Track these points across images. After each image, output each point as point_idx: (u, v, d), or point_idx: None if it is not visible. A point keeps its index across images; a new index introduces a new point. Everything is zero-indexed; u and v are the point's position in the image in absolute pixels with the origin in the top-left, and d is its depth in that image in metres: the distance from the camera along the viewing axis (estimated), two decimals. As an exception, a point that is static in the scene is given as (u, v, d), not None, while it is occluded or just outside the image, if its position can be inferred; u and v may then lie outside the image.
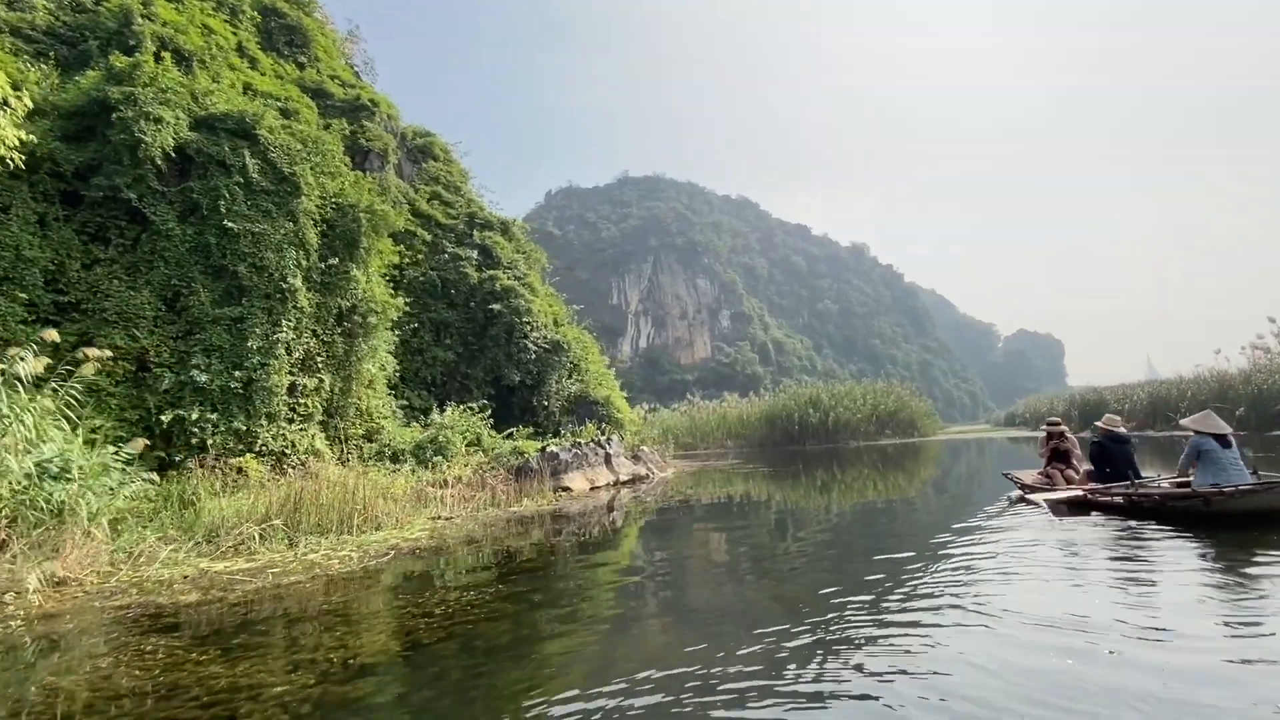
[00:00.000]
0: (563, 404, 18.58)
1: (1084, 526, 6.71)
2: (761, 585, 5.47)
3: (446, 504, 9.54)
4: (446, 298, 17.58)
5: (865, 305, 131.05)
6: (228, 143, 11.25)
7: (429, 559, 6.79)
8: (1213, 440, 6.63)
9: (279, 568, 6.09)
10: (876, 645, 3.65)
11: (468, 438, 13.12)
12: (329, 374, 11.91)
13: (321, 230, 12.32)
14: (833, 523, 9.32)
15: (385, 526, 7.93)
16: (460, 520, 9.07)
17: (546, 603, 5.17)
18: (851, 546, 7.23)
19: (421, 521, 8.62)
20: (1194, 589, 4.30)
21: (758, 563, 6.42)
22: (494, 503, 10.34)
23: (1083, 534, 6.34)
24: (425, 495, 9.76)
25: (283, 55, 18.17)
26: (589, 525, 9.27)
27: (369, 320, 12.61)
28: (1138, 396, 26.84)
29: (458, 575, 6.11)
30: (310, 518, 7.18)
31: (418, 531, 7.96)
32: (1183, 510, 6.52)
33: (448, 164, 21.08)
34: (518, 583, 5.72)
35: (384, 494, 9.36)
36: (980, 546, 6.03)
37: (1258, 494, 5.95)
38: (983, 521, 7.47)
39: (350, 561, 6.44)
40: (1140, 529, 6.28)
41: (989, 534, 6.65)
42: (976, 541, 6.29)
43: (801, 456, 28.02)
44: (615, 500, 12.05)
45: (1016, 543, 6.07)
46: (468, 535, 8.24)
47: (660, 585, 5.64)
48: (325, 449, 11.50)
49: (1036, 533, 6.50)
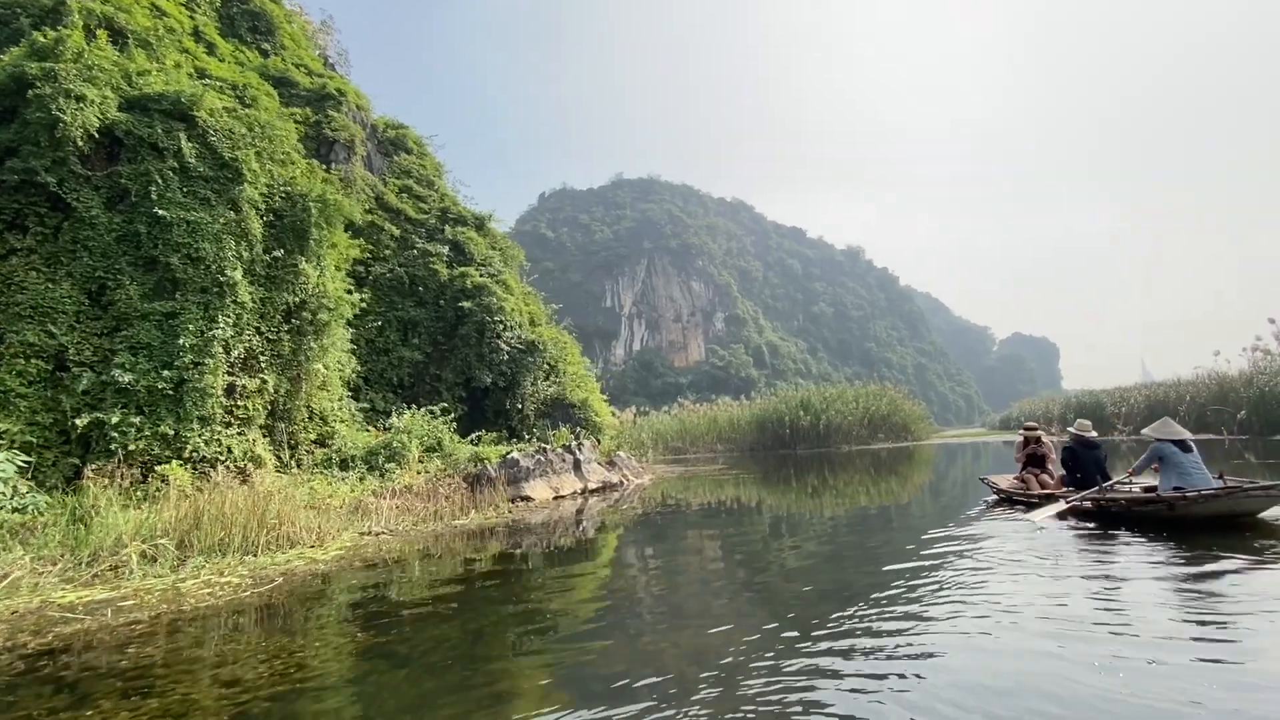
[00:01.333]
0: (538, 407, 17.75)
1: (1056, 531, 6.84)
2: (738, 613, 4.67)
3: (383, 517, 8.70)
4: (415, 295, 16.75)
5: (860, 308, 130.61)
6: (161, 125, 10.43)
7: (324, 585, 5.92)
8: (1173, 446, 6.89)
9: (136, 599, 5.27)
10: (858, 662, 3.50)
11: (426, 443, 12.28)
12: (273, 374, 11.07)
13: (268, 220, 11.51)
14: (818, 532, 8.53)
15: (302, 544, 7.09)
16: (396, 535, 8.22)
17: (439, 664, 3.83)
18: (837, 559, 6.63)
19: (347, 538, 7.79)
20: (1158, 592, 4.42)
21: (732, 589, 5.54)
22: (439, 515, 9.42)
23: (1056, 539, 6.47)
24: (365, 507, 8.93)
25: (245, 42, 17.37)
26: (544, 541, 8.32)
27: (320, 317, 11.78)
28: (1135, 399, 26.16)
29: (338, 611, 5.10)
30: (212, 535, 6.34)
31: (333, 551, 7.08)
32: (1148, 514, 6.74)
33: (421, 157, 20.27)
34: (403, 630, 4.53)
35: (318, 506, 8.54)
36: (959, 556, 5.96)
37: (1219, 498, 6.15)
38: (961, 529, 7.45)
39: (227, 590, 5.59)
40: (1109, 533, 6.49)
41: (967, 542, 6.61)
42: (956, 551, 6.21)
43: (792, 461, 27.28)
44: (582, 511, 11.22)
45: (996, 551, 6.10)
46: (395, 554, 7.34)
47: (614, 628, 4.53)
48: (267, 455, 10.65)
49: (1013, 540, 6.56)
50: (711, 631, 4.20)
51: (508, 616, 4.86)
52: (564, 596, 5.54)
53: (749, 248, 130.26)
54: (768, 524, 9.89)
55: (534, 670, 3.78)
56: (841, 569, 5.96)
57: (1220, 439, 20.19)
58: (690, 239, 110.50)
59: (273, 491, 7.38)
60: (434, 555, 7.28)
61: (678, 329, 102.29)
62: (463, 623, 4.71)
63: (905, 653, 3.55)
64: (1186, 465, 6.75)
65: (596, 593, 5.60)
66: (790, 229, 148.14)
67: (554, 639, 4.35)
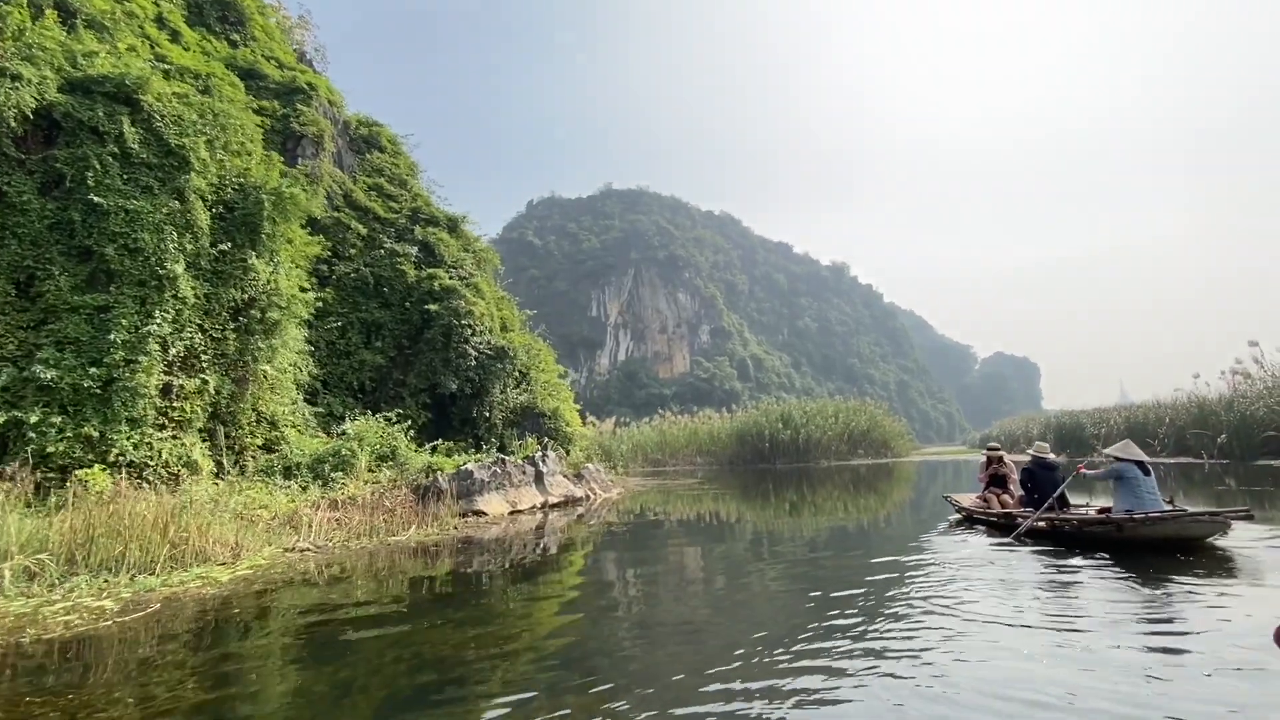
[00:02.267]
0: (506, 415, 17.21)
1: (1012, 550, 7.11)
2: (684, 652, 4.17)
3: (315, 530, 8.12)
4: (380, 296, 16.20)
5: (845, 324, 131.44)
6: (103, 108, 9.88)
7: (204, 613, 5.14)
8: (1135, 467, 7.05)
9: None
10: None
11: (380, 451, 11.70)
12: (216, 375, 10.47)
13: (218, 213, 10.96)
14: (789, 552, 8.10)
15: (213, 561, 6.51)
16: (323, 552, 7.61)
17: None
18: (805, 580, 6.18)
19: (268, 554, 7.20)
20: (1105, 611, 4.58)
21: (686, 631, 4.73)
22: (376, 530, 8.77)
23: (1011, 558, 6.68)
24: (299, 519, 8.34)
25: (214, 32, 16.84)
26: (489, 563, 7.73)
27: (270, 315, 11.21)
28: (1114, 421, 26.10)
29: (189, 652, 4.27)
30: (107, 549, 5.75)
31: (243, 570, 6.45)
32: (1099, 535, 6.96)
33: (395, 156, 19.78)
34: (248, 684, 3.73)
35: (248, 517, 7.95)
36: (922, 574, 6.04)
37: (1165, 522, 6.41)
38: (923, 550, 7.53)
39: (88, 618, 4.81)
40: (1061, 553, 6.72)
41: (927, 563, 6.66)
42: (918, 569, 6.29)
43: (771, 476, 26.93)
44: (541, 527, 10.67)
45: (957, 567, 6.27)
46: (311, 574, 6.63)
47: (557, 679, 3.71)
48: (204, 461, 10.02)
49: (973, 558, 6.80)
50: (666, 679, 3.72)
51: (404, 670, 3.85)
52: (490, 635, 4.58)
53: (736, 261, 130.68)
54: (738, 543, 9.45)
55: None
56: (798, 601, 5.52)
57: (1200, 463, 20.10)
58: (678, 251, 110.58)
59: (184, 503, 6.76)
60: (356, 576, 6.60)
61: (663, 340, 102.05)
62: (345, 672, 3.83)
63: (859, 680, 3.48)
64: (1143, 489, 6.91)
65: (538, 633, 4.74)
66: (777, 244, 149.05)
67: (458, 697, 3.51)
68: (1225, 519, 6.43)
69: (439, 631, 4.69)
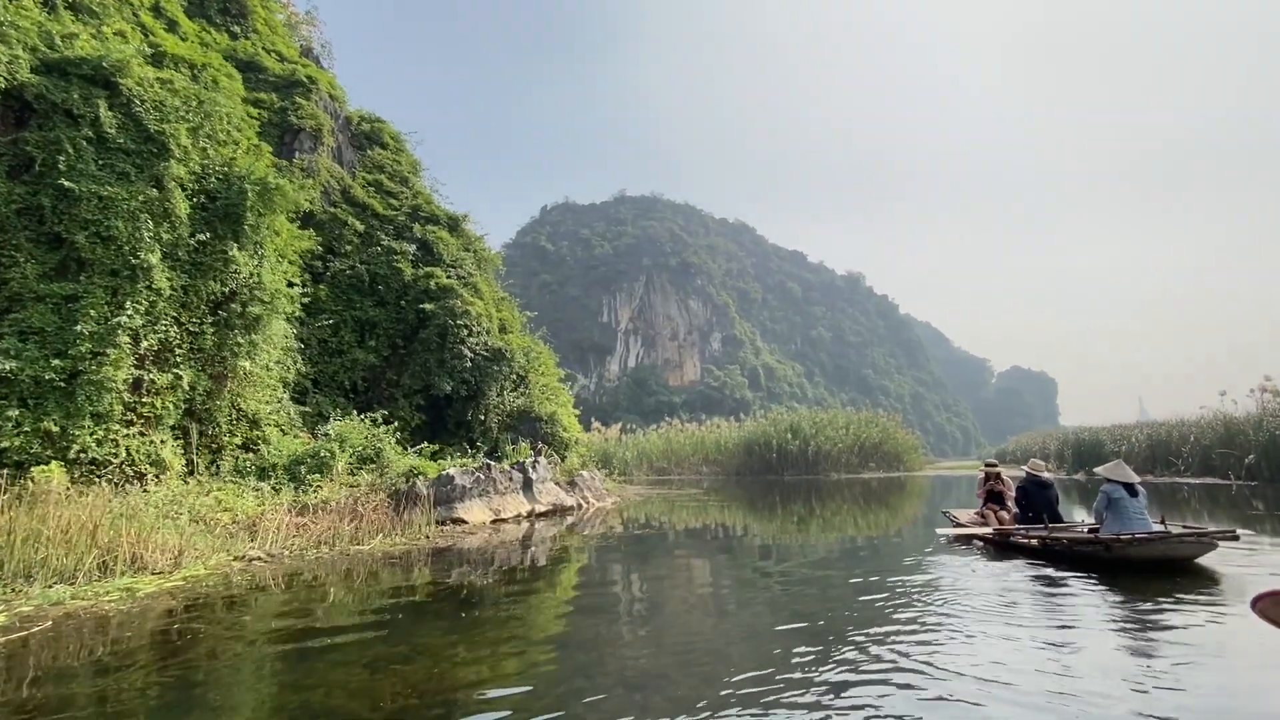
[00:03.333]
0: (502, 419, 16.67)
1: (1004, 567, 7.18)
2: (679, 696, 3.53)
3: (274, 537, 7.57)
4: (375, 295, 15.76)
5: (859, 335, 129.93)
6: (79, 90, 9.51)
7: (89, 634, 4.44)
8: (1122, 489, 7.10)
9: None
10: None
11: (363, 452, 11.18)
12: (191, 370, 10.02)
13: (199, 202, 10.55)
14: (790, 573, 7.42)
15: (148, 569, 5.97)
16: (277, 561, 7.04)
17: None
18: (796, 601, 5.48)
19: (216, 562, 6.66)
20: (1096, 631, 4.56)
21: (665, 665, 4.06)
22: (340, 537, 8.16)
23: (1003, 575, 6.73)
24: (262, 524, 7.81)
25: (214, 24, 16.60)
26: (458, 577, 6.97)
27: (251, 310, 10.76)
28: (1135, 439, 25.02)
29: (34, 683, 3.61)
30: (24, 556, 5.23)
31: (174, 581, 5.86)
32: (1087, 555, 7.09)
33: (397, 153, 19.42)
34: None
35: (207, 520, 7.43)
36: (913, 591, 5.97)
37: (1152, 543, 6.54)
38: (919, 562, 7.64)
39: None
40: (1049, 572, 6.76)
41: (923, 574, 6.76)
42: (911, 585, 6.24)
43: (779, 487, 26.19)
44: (526, 538, 10.06)
45: (943, 585, 6.20)
46: (251, 586, 6.09)
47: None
48: (174, 459, 9.55)
49: (963, 574, 6.82)
50: None
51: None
52: (417, 680, 3.66)
53: (749, 269, 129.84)
54: (734, 559, 8.78)
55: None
56: (789, 620, 4.86)
57: (1227, 484, 19.07)
58: (690, 258, 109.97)
59: (130, 505, 6.24)
60: (299, 591, 5.99)
61: (674, 347, 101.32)
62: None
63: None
64: (1130, 511, 6.98)
65: (484, 683, 3.69)
66: (791, 252, 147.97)
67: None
68: (1212, 539, 6.60)
69: (357, 674, 3.80)
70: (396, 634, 4.69)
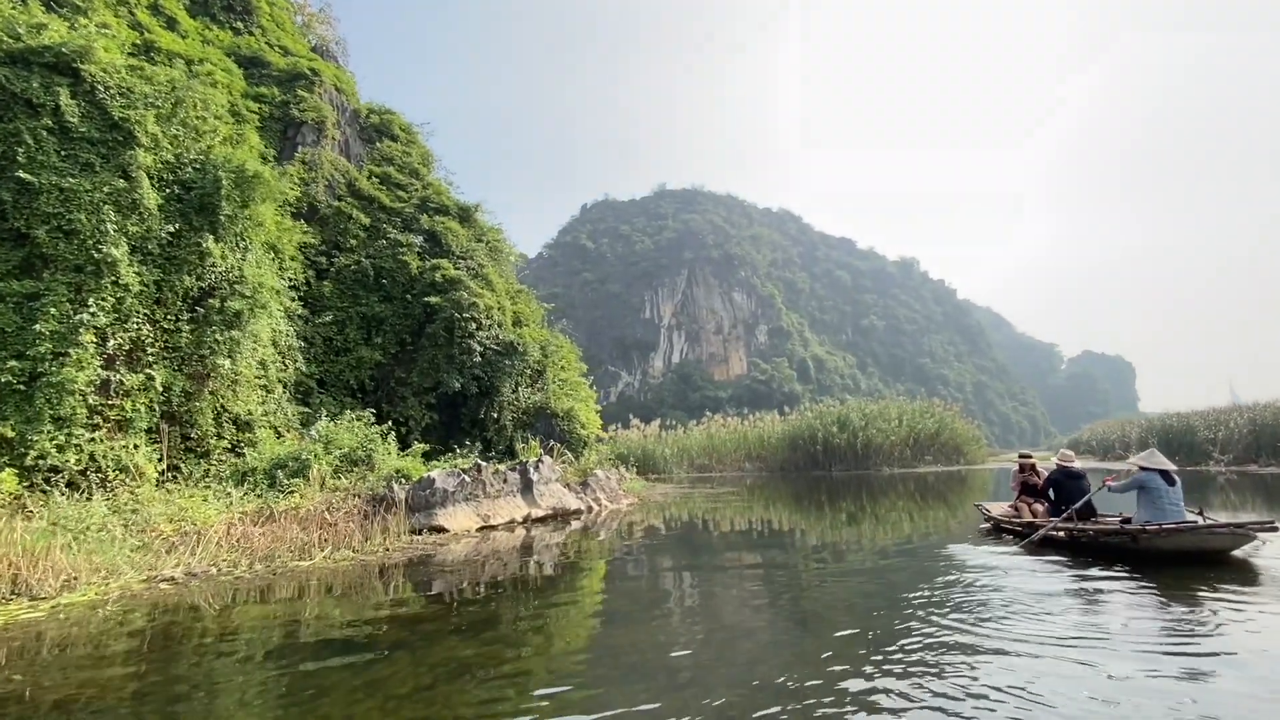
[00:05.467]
0: (517, 416, 15.78)
1: (1030, 562, 6.88)
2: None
3: (212, 552, 6.78)
4: (381, 289, 15.13)
5: (914, 322, 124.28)
6: (40, 79, 9.05)
7: None
8: (1159, 477, 6.82)
9: None
10: None
11: (356, 454, 10.43)
12: (165, 370, 9.46)
13: (172, 193, 10.00)
14: (840, 593, 6.11)
15: (24, 595, 5.20)
16: (207, 579, 6.14)
17: None
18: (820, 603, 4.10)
19: (121, 583, 5.87)
20: (1124, 629, 4.29)
21: None
22: (275, 554, 7.11)
23: (1030, 572, 6.42)
24: (205, 537, 7.04)
25: (216, 20, 16.35)
26: (390, 611, 5.30)
27: (230, 305, 10.15)
28: (1235, 423, 22.10)
29: None
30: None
31: (37, 613, 4.89)
32: (1115, 546, 6.92)
33: (408, 145, 18.84)
34: None
35: (154, 532, 6.71)
36: (934, 591, 5.63)
37: (1182, 534, 6.28)
38: (952, 556, 7.48)
39: None
40: (1078, 568, 6.47)
41: (953, 572, 6.49)
42: (936, 581, 6.01)
43: (826, 483, 24.52)
44: (516, 547, 8.99)
45: (973, 579, 6.00)
46: (115, 624, 4.88)
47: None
48: (148, 464, 8.98)
49: (994, 569, 6.54)
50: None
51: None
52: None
53: (795, 259, 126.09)
54: (760, 580, 7.40)
55: None
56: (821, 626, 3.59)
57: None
58: (733, 249, 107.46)
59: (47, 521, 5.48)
60: (177, 631, 4.74)
61: (718, 341, 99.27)
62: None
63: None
64: (1165, 500, 6.73)
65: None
66: (839, 239, 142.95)
67: None
68: (1249, 531, 6.23)
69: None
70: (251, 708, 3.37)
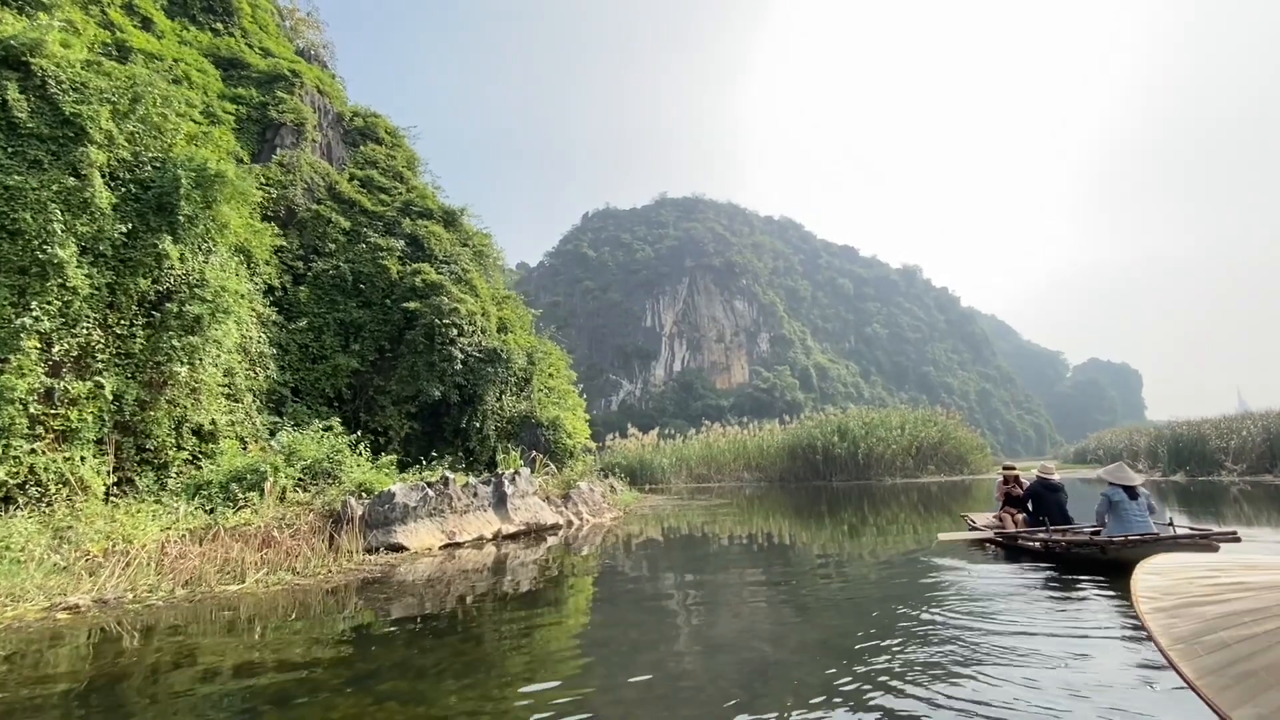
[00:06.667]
0: (501, 426, 15.24)
1: (1006, 570, 7.16)
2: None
3: (136, 575, 6.23)
4: (359, 295, 14.65)
5: (918, 330, 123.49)
6: (-14, 73, 8.63)
7: None
8: (1122, 491, 7.23)
9: None
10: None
11: (319, 466, 9.90)
12: (116, 377, 8.96)
13: (129, 192, 9.56)
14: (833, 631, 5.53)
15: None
16: (114, 609, 5.56)
17: None
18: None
19: (15, 614, 5.32)
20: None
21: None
22: (202, 578, 6.45)
23: (1003, 579, 6.60)
24: (134, 558, 6.51)
25: (196, 22, 16.02)
26: (313, 648, 4.53)
27: (189, 310, 9.67)
28: (1248, 432, 21.39)
29: None
30: None
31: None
32: (1085, 557, 7.15)
33: (393, 149, 18.45)
34: None
35: (87, 550, 6.18)
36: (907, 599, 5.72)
37: (1146, 544, 6.55)
38: (930, 566, 7.52)
39: None
40: (1050, 575, 6.69)
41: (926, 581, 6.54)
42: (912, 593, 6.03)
43: (826, 493, 23.86)
44: (480, 568, 8.40)
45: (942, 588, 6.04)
46: None
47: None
48: (95, 478, 8.47)
49: (974, 578, 6.64)
50: None
51: None
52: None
53: (797, 266, 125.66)
54: (735, 608, 6.82)
55: None
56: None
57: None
58: (734, 257, 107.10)
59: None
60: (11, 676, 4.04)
61: (720, 349, 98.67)
62: None
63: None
64: (1130, 513, 7.10)
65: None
66: (841, 247, 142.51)
67: None
68: (1212, 541, 6.57)
69: None
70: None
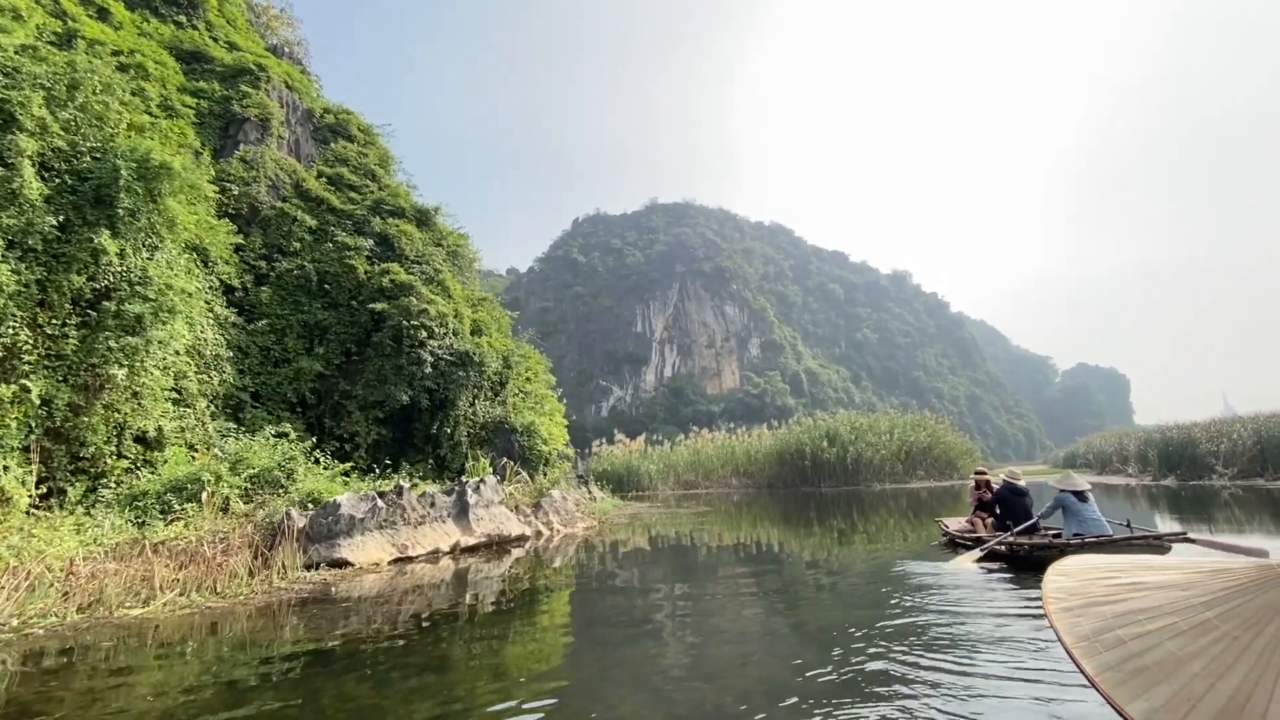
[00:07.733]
0: (474, 432, 14.68)
1: (976, 573, 7.22)
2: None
3: (10, 599, 5.63)
4: (325, 296, 14.08)
5: (908, 335, 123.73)
6: (-96, 55, 8.06)
7: None
8: (1073, 496, 7.75)
9: None
10: None
11: (268, 475, 9.32)
12: (45, 380, 8.36)
13: (64, 184, 8.98)
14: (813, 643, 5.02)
15: None
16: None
17: None
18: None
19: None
20: None
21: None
22: (102, 601, 5.82)
23: (974, 581, 6.74)
24: (36, 578, 5.93)
25: (157, 14, 15.46)
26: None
27: (128, 309, 9.08)
28: (1238, 435, 21.13)
29: None
30: None
31: None
32: (1046, 558, 7.12)
33: (365, 146, 17.92)
34: None
35: None
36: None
37: (1103, 545, 6.94)
38: (913, 568, 7.61)
39: None
40: (1014, 574, 7.05)
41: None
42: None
43: (815, 500, 23.43)
44: (431, 582, 7.82)
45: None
46: None
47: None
48: (17, 488, 7.85)
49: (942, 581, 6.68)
50: None
51: None
52: None
53: (787, 272, 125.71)
54: (705, 627, 6.30)
55: None
56: None
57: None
58: (724, 263, 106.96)
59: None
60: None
61: (710, 355, 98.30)
62: None
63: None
64: (1084, 514, 7.54)
65: None
66: (831, 253, 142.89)
67: None
68: (1164, 542, 6.90)
69: None
70: None
